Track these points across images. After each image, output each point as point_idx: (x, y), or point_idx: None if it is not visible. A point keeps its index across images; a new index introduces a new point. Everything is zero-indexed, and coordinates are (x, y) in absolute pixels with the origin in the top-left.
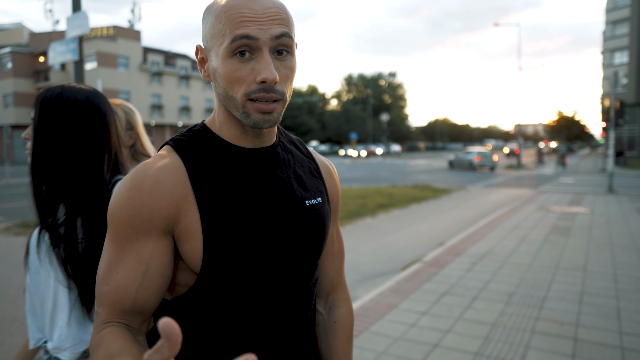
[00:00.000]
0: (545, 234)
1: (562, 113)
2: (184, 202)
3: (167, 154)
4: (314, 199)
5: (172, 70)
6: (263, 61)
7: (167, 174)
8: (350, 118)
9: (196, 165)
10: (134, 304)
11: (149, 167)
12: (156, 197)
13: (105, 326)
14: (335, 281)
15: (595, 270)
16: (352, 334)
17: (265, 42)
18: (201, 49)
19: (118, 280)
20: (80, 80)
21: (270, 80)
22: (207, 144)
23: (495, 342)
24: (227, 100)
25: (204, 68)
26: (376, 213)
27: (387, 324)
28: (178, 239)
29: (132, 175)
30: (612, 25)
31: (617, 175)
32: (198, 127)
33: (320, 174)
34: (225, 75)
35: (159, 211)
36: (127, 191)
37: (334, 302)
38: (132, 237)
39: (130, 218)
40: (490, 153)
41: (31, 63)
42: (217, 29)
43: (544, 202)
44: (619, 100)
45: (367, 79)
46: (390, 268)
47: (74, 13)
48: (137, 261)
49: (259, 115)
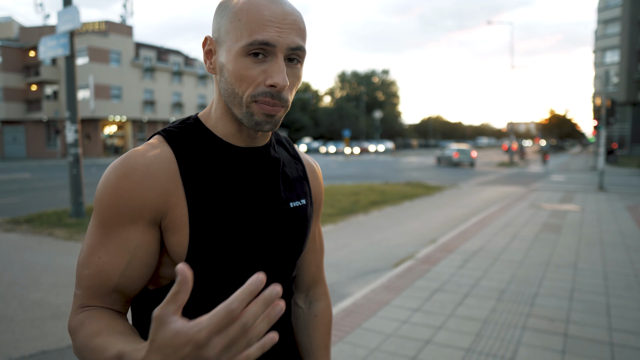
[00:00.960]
0: (536, 231)
1: (554, 111)
2: (173, 195)
3: (158, 143)
4: (298, 201)
5: (164, 66)
6: (277, 66)
7: (159, 165)
8: (343, 115)
9: (187, 158)
10: (115, 289)
11: (140, 155)
12: (147, 188)
13: (85, 309)
14: (316, 277)
15: (586, 268)
16: (331, 327)
17: (282, 50)
18: (211, 41)
19: (100, 265)
20: (71, 76)
21: (281, 86)
22: (199, 139)
23: (487, 339)
24: (231, 97)
25: (210, 60)
26: (369, 210)
27: (379, 321)
28: (165, 230)
29: (123, 162)
30: (604, 24)
31: (608, 174)
32: (191, 120)
33: (306, 175)
34: (235, 72)
35: (149, 202)
36: (117, 179)
37: (314, 296)
38: (119, 224)
39: (118, 206)
40: (469, 150)
41: (21, 58)
42: (234, 25)
43: (535, 199)
44: (610, 99)
45: (361, 76)
46: (383, 265)
47: (64, 7)
48: (121, 249)
49: (262, 117)
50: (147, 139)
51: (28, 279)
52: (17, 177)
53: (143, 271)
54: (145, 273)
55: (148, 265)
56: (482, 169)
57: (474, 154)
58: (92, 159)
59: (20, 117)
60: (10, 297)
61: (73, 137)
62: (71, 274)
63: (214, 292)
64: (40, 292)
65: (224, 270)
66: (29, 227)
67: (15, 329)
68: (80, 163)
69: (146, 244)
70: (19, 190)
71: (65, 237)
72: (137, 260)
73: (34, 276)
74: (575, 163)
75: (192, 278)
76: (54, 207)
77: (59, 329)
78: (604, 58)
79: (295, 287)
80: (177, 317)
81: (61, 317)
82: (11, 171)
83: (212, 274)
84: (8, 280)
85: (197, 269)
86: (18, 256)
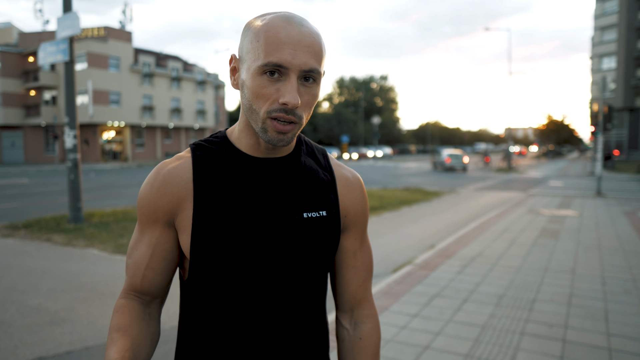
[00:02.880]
0: (534, 236)
1: (552, 117)
2: (184, 200)
3: (183, 155)
4: (316, 212)
5: (163, 71)
6: (289, 85)
7: (175, 175)
8: (341, 121)
9: (203, 169)
10: (142, 280)
11: (164, 166)
12: (161, 195)
13: (126, 296)
14: (358, 296)
15: (584, 273)
16: (379, 351)
17: (295, 71)
18: (235, 59)
19: (136, 257)
20: (70, 81)
21: (292, 105)
22: (220, 150)
23: (485, 344)
24: (250, 112)
25: (234, 76)
26: None
27: None
28: (177, 230)
29: (153, 171)
30: (601, 31)
31: (606, 179)
32: (220, 134)
33: (334, 187)
34: (252, 89)
35: (162, 206)
36: (144, 186)
37: (359, 317)
38: (145, 224)
39: (143, 209)
40: (461, 155)
41: (20, 63)
42: (253, 46)
43: (533, 205)
44: (607, 105)
45: (359, 81)
46: (381, 270)
47: (64, 13)
48: (147, 244)
49: (275, 134)
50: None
51: (26, 284)
52: (15, 182)
53: (162, 264)
54: (165, 266)
55: (167, 259)
56: (480, 174)
57: (465, 159)
58: (90, 164)
59: (19, 122)
60: (8, 303)
61: (72, 142)
62: (70, 279)
63: (220, 294)
64: (38, 297)
65: (226, 272)
66: (27, 233)
67: (13, 335)
68: (79, 168)
69: (164, 241)
70: (17, 195)
71: (64, 243)
72: (157, 254)
73: (32, 282)
74: (573, 168)
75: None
76: (52, 212)
77: (57, 334)
78: (601, 64)
79: (338, 306)
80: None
81: (59, 323)
82: (9, 176)
83: (216, 275)
84: (6, 285)
85: (202, 269)
86: (16, 261)
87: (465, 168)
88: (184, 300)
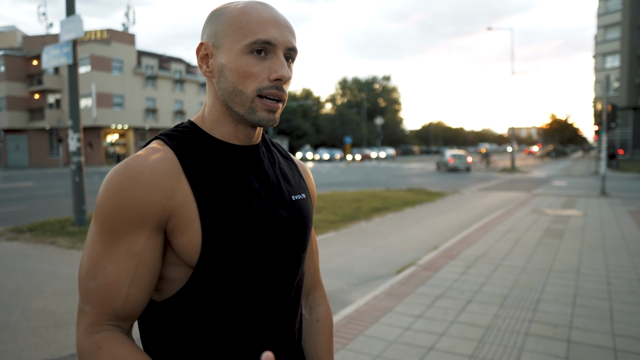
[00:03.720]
0: (538, 236)
1: (555, 116)
2: (179, 193)
3: (158, 147)
4: (299, 195)
5: (166, 74)
6: (279, 61)
7: (161, 166)
8: (344, 122)
9: (189, 158)
10: (125, 301)
11: (142, 159)
12: (150, 190)
13: (100, 329)
14: (314, 279)
15: (589, 273)
16: (332, 330)
17: (281, 48)
18: (207, 46)
19: (107, 276)
20: (74, 84)
21: (286, 78)
22: (197, 140)
23: (490, 345)
24: (234, 95)
25: (206, 64)
26: (371, 217)
27: (382, 328)
28: (172, 231)
29: (124, 166)
30: (604, 29)
31: (610, 178)
32: (186, 124)
33: (301, 174)
34: (238, 69)
35: (154, 204)
36: (120, 182)
37: (315, 300)
38: (123, 230)
39: (122, 210)
40: (464, 155)
41: (24, 66)
42: (234, 27)
43: (537, 205)
44: (611, 103)
45: (362, 82)
46: (385, 271)
47: (67, 17)
48: (127, 255)
49: (265, 113)
50: (146, 144)
51: (31, 287)
52: (20, 186)
53: (149, 277)
54: (152, 279)
55: (153, 270)
56: (484, 174)
57: (469, 159)
58: (94, 167)
59: (23, 125)
60: (13, 306)
61: (75, 145)
62: (74, 282)
63: (230, 291)
64: (43, 300)
65: (238, 266)
66: (31, 236)
67: (18, 338)
68: (83, 171)
69: (152, 249)
70: (22, 198)
71: (68, 246)
72: (144, 266)
73: (37, 284)
74: (577, 168)
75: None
76: (57, 215)
77: (62, 337)
78: (605, 63)
79: None
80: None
81: (64, 326)
82: (14, 180)
83: (227, 271)
84: (11, 288)
85: (212, 267)
86: (21, 264)
87: (468, 168)
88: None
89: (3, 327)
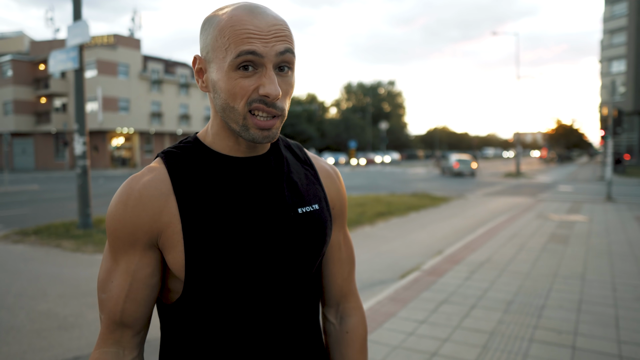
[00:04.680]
0: (543, 242)
1: (561, 121)
2: (166, 214)
3: (156, 166)
4: (309, 206)
5: (171, 78)
6: (267, 76)
7: (151, 189)
8: (349, 126)
9: (182, 177)
10: (122, 314)
11: (136, 181)
12: (139, 212)
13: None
14: (344, 289)
15: (594, 279)
16: (366, 343)
17: (270, 59)
18: (200, 60)
19: (112, 290)
20: (80, 89)
21: (274, 96)
22: (196, 156)
23: (494, 351)
24: (227, 112)
25: (202, 79)
26: (375, 221)
27: (385, 333)
28: (162, 249)
29: (122, 189)
30: (610, 34)
31: (616, 184)
32: (190, 139)
33: (319, 180)
34: (227, 87)
35: (142, 226)
36: (115, 205)
37: (345, 311)
38: (121, 249)
39: (117, 231)
40: (469, 160)
41: (31, 71)
42: (220, 42)
43: (542, 210)
44: (617, 108)
45: (366, 87)
46: (389, 276)
47: (74, 22)
48: (125, 273)
49: (258, 131)
50: (154, 158)
51: (36, 290)
52: (25, 189)
53: (145, 292)
54: (148, 294)
55: (149, 285)
56: (489, 179)
57: (474, 164)
58: (99, 170)
59: (30, 129)
60: (18, 308)
61: (81, 149)
62: (78, 285)
63: (220, 306)
64: (47, 303)
65: (227, 284)
66: (37, 239)
67: (22, 340)
68: (88, 175)
69: (145, 265)
70: (27, 201)
71: (73, 249)
72: (138, 283)
73: (42, 287)
74: (582, 173)
75: None
76: (62, 218)
77: (65, 339)
78: (611, 68)
79: (325, 301)
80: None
81: (68, 328)
82: (20, 183)
83: (215, 287)
84: (16, 291)
85: (199, 285)
86: (26, 267)
87: (473, 173)
88: (170, 323)
89: (7, 330)
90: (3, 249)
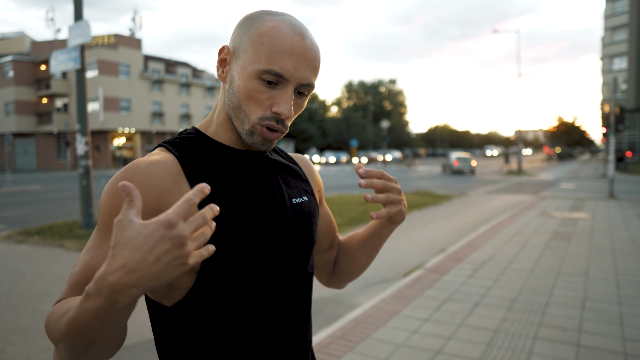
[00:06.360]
0: (546, 239)
1: (562, 119)
2: (177, 195)
3: (160, 152)
4: (300, 198)
5: (172, 77)
6: (285, 96)
7: (160, 167)
8: (350, 125)
9: (190, 161)
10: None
11: (141, 161)
12: (147, 189)
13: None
14: (336, 238)
15: (597, 276)
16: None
17: (293, 83)
18: (228, 51)
19: (89, 263)
20: (81, 89)
21: (285, 116)
22: (200, 145)
23: (498, 349)
24: (236, 111)
25: (223, 68)
26: None
27: (389, 331)
28: None
29: (125, 168)
30: (611, 31)
31: (618, 181)
32: (190, 130)
33: (304, 175)
34: (245, 90)
35: (149, 202)
36: (118, 182)
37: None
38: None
39: (117, 207)
40: (469, 158)
41: (33, 71)
42: (255, 47)
43: (544, 208)
44: (618, 105)
45: (367, 85)
46: (392, 275)
47: (75, 22)
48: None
49: (261, 139)
50: (151, 151)
51: (39, 289)
52: (28, 189)
53: None
54: None
55: None
56: (490, 177)
57: (473, 162)
58: (101, 170)
59: (31, 129)
60: (22, 308)
61: (83, 149)
62: None
63: (235, 293)
64: (51, 302)
65: (241, 268)
66: (40, 239)
67: (27, 340)
68: (90, 175)
69: None
70: (30, 202)
71: (76, 249)
72: None
73: (45, 287)
74: (584, 171)
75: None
76: (65, 218)
77: None
78: (612, 65)
79: (325, 250)
80: (139, 218)
81: None
82: (22, 183)
83: (231, 273)
84: (20, 291)
85: (215, 271)
86: (29, 267)
87: (473, 171)
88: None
89: (12, 330)
90: (6, 249)
